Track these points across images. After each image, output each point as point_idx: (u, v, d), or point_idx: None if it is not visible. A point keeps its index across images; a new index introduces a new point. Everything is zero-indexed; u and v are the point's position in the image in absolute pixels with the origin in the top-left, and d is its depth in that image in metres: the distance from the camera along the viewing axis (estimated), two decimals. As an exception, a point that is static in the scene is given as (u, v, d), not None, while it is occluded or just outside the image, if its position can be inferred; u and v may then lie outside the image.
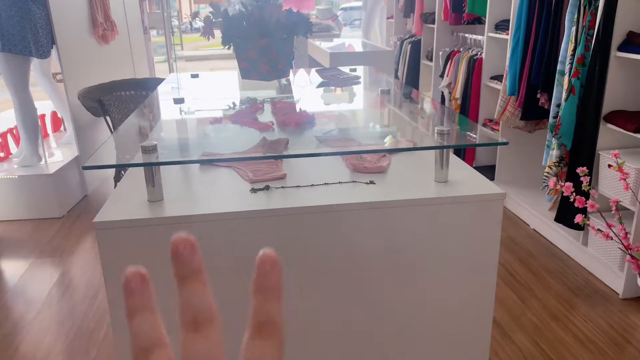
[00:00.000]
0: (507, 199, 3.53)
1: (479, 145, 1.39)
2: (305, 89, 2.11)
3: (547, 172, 2.86)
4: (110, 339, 2.23)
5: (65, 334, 2.29)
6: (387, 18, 5.98)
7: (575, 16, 2.59)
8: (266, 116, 1.88)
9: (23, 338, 2.27)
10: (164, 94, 2.08)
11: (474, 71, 3.78)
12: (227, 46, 1.99)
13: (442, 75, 4.29)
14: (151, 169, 1.13)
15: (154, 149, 1.10)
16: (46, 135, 4.41)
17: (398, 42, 5.43)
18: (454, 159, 1.36)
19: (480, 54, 3.79)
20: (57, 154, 3.97)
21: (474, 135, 1.33)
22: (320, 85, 2.14)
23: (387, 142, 1.44)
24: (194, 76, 2.25)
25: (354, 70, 2.30)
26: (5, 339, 2.26)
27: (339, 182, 1.24)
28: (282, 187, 1.23)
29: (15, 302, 2.56)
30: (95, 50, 4.26)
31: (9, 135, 3.84)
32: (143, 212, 1.10)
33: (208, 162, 1.35)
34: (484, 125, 3.83)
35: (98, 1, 4.26)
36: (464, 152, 3.98)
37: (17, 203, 3.48)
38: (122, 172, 4.02)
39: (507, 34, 3.36)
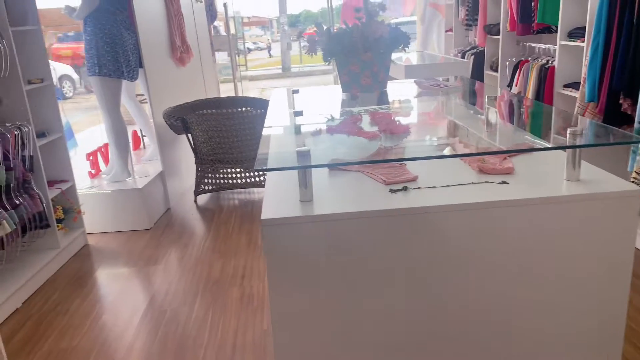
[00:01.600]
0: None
1: (612, 144, 1.44)
2: (407, 100, 2.21)
3: (635, 178, 2.84)
4: (213, 343, 2.36)
5: (165, 338, 2.44)
6: (446, 31, 6.04)
7: (663, 20, 2.59)
8: (379, 125, 1.97)
9: (136, 338, 2.43)
10: (275, 109, 2.20)
11: (547, 79, 3.78)
12: (327, 62, 2.11)
13: (509, 85, 4.30)
14: (304, 171, 1.24)
15: (307, 154, 1.21)
16: (129, 153, 4.68)
17: (459, 54, 5.48)
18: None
19: (552, 63, 3.79)
20: (141, 170, 4.21)
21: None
22: (419, 95, 2.23)
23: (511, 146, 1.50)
24: (295, 92, 2.38)
25: (447, 80, 2.38)
26: (119, 340, 2.43)
27: (472, 183, 1.31)
28: (419, 187, 1.31)
29: (120, 307, 2.74)
30: (173, 72, 4.52)
31: (98, 154, 4.12)
32: (299, 210, 1.21)
33: (365, 163, 1.44)
34: (558, 133, 3.82)
35: (176, 25, 4.53)
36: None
37: (110, 216, 3.71)
38: (202, 186, 4.22)
39: (582, 42, 3.37)
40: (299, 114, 1.93)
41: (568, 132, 1.24)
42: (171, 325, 2.52)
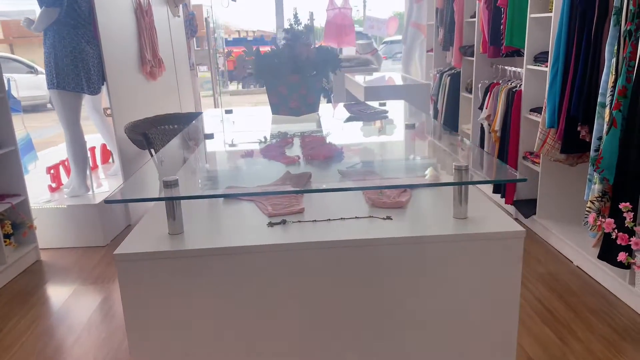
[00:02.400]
0: (549, 234, 3.41)
1: (496, 182, 1.36)
2: (335, 124, 2.14)
3: (589, 207, 2.75)
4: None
5: (102, 359, 2.35)
6: (427, 51, 6.01)
7: (615, 47, 2.53)
8: (294, 150, 1.92)
9: (61, 363, 2.34)
10: (197, 129, 2.16)
11: (514, 103, 3.72)
12: (256, 84, 2.06)
13: (481, 108, 4.24)
14: (172, 203, 1.17)
15: (175, 183, 1.14)
16: (95, 167, 4.63)
17: (438, 75, 5.44)
18: (477, 194, 1.34)
19: (520, 86, 3.74)
20: (105, 184, 4.15)
21: (507, 169, 1.31)
22: (347, 120, 2.17)
23: (405, 178, 1.43)
24: (228, 112, 2.33)
25: (384, 104, 2.32)
26: (45, 364, 2.34)
27: (356, 217, 1.24)
28: (299, 221, 1.24)
29: (58, 327, 2.66)
30: (143, 85, 4.48)
31: (61, 167, 4.06)
32: (162, 245, 1.14)
33: (224, 197, 1.39)
34: (524, 158, 3.75)
35: (147, 39, 4.51)
36: (504, 187, 3.90)
37: (64, 231, 3.65)
38: (164, 202, 4.16)
39: (547, 66, 3.31)
40: (209, 137, 1.87)
41: (453, 167, 1.17)
42: (105, 347, 2.44)
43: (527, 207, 3.74)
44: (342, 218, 1.24)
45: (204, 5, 9.31)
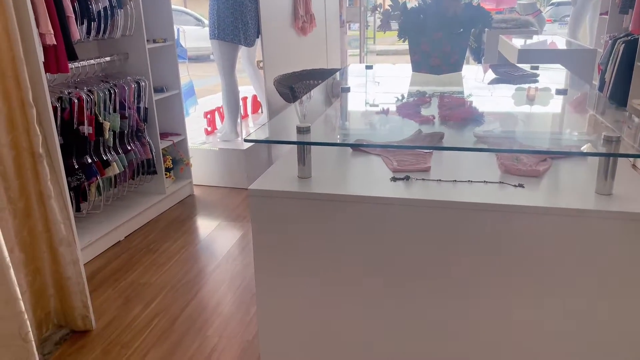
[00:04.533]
0: None
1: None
2: (478, 85, 2.03)
3: None
4: (269, 301, 2.47)
5: (236, 288, 2.60)
6: (601, 14, 5.34)
7: None
8: (431, 110, 1.87)
9: (202, 286, 2.65)
10: (338, 82, 2.20)
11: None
12: (402, 39, 2.02)
13: (659, 81, 3.70)
14: (303, 148, 1.23)
15: (307, 130, 1.20)
16: (246, 115, 4.99)
17: (610, 41, 4.82)
18: (630, 173, 1.20)
19: None
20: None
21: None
22: (492, 82, 2.04)
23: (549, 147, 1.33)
24: (369, 67, 2.33)
25: (536, 67, 2.13)
26: (188, 284, 2.67)
27: (484, 182, 1.19)
28: (423, 179, 1.23)
29: (202, 254, 2.99)
30: (294, 41, 4.66)
31: (216, 113, 4.44)
32: (291, 186, 1.22)
33: (351, 146, 1.41)
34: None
35: (302, -4, 4.64)
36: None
37: (215, 171, 4.03)
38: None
39: None
40: (346, 90, 1.89)
41: (602, 137, 1.05)
42: (239, 277, 2.70)
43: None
44: (469, 181, 1.20)
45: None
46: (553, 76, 2.14)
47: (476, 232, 1.09)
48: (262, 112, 5.20)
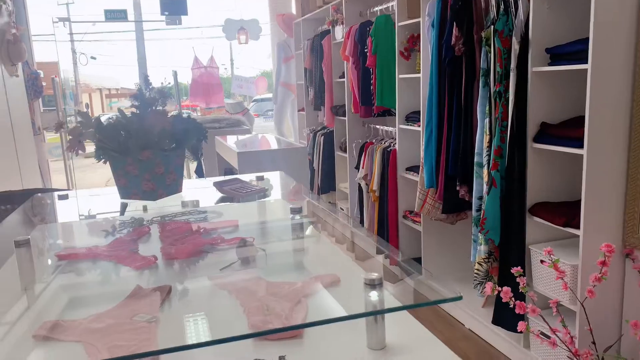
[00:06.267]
0: (437, 295, 3.30)
1: (425, 305, 1.06)
2: (204, 205, 1.79)
3: (477, 270, 2.67)
4: None
5: None
6: (298, 110, 5.93)
7: (487, 108, 2.53)
8: (152, 244, 1.52)
9: None
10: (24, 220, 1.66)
11: (390, 162, 3.66)
12: (100, 161, 1.64)
13: (357, 167, 4.15)
14: None
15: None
16: None
17: (311, 134, 5.33)
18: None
19: (394, 145, 3.70)
20: None
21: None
22: (220, 201, 1.83)
23: (300, 285, 1.12)
24: (62, 198, 1.85)
25: (261, 178, 2.02)
26: None
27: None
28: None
29: None
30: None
31: None
32: None
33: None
34: (404, 217, 3.67)
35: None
36: (387, 241, 3.77)
37: None
38: None
39: (419, 126, 3.30)
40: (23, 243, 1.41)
41: (363, 281, 0.88)
42: None
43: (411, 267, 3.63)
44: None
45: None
46: (277, 184, 2.06)
47: None
48: None
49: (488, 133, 2.53)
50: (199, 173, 5.18)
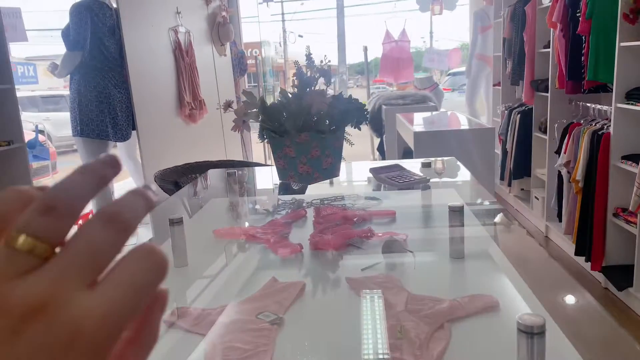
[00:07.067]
0: (652, 314, 2.70)
1: None
2: (358, 192, 1.66)
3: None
4: None
5: None
6: (494, 85, 5.41)
7: None
8: (305, 228, 1.46)
9: None
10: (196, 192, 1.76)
11: (600, 148, 3.07)
12: (264, 141, 1.63)
13: (558, 152, 3.60)
14: None
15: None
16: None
17: (506, 112, 4.83)
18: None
19: (608, 128, 3.09)
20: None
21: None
22: (374, 190, 1.68)
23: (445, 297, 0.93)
24: (231, 175, 1.92)
25: (427, 165, 1.80)
26: None
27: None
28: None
29: None
30: (182, 129, 4.23)
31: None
32: None
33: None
34: (615, 215, 3.06)
35: (187, 81, 4.27)
36: (590, 246, 3.21)
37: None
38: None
39: (643, 105, 2.68)
40: (177, 222, 1.45)
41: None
42: None
43: (621, 277, 3.03)
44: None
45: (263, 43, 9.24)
46: (446, 174, 1.82)
47: None
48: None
49: None
50: (381, 151, 5.10)
